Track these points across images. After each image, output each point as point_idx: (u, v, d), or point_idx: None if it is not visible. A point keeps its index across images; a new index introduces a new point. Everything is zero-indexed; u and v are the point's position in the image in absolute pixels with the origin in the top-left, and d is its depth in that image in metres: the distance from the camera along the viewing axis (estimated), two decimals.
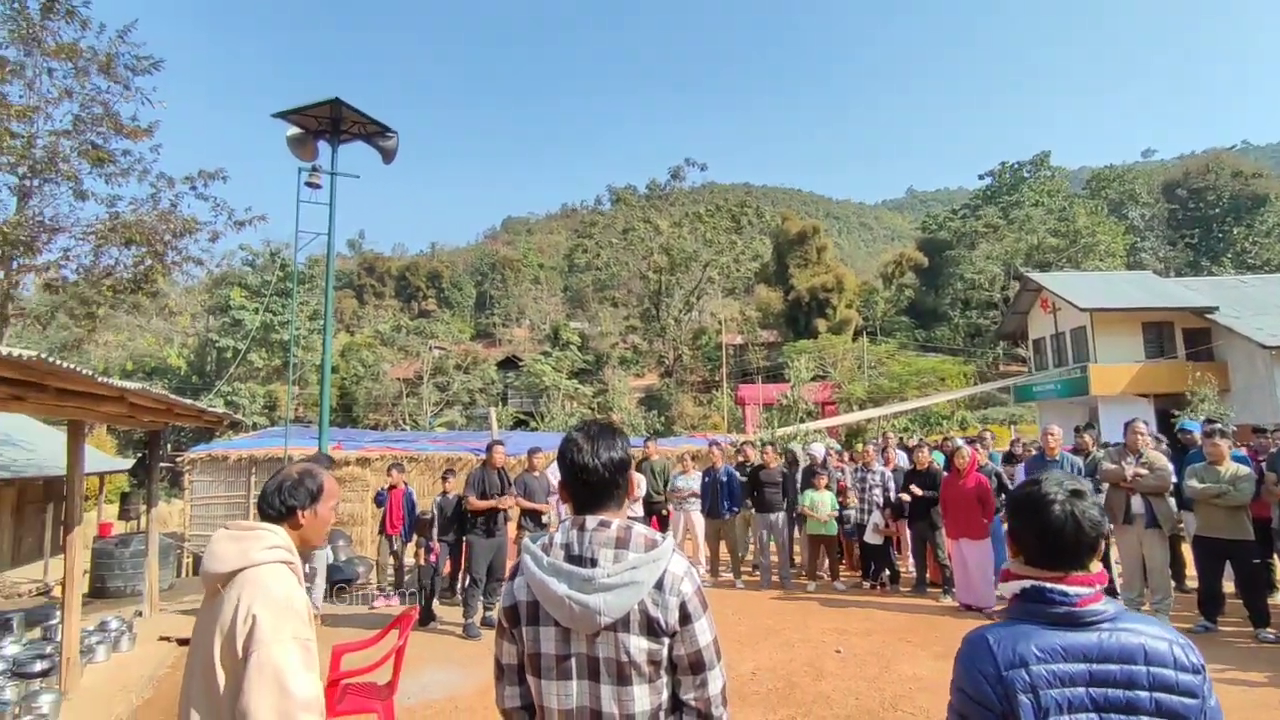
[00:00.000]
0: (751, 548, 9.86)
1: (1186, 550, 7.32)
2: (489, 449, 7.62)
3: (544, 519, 7.95)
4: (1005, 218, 56.29)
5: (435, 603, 7.76)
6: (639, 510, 9.21)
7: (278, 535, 1.90)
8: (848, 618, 7.18)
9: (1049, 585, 1.44)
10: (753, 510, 9.19)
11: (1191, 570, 6.79)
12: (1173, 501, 6.82)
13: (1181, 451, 7.70)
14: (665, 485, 9.59)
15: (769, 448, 9.51)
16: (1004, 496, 7.72)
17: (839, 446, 13.79)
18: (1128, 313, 22.49)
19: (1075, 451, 8.03)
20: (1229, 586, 6.49)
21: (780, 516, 8.86)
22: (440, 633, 7.22)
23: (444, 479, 8.05)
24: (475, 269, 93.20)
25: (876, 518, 8.41)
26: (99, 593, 9.31)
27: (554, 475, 8.69)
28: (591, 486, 1.66)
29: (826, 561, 8.94)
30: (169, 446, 27.58)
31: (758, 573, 9.14)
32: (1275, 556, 6.45)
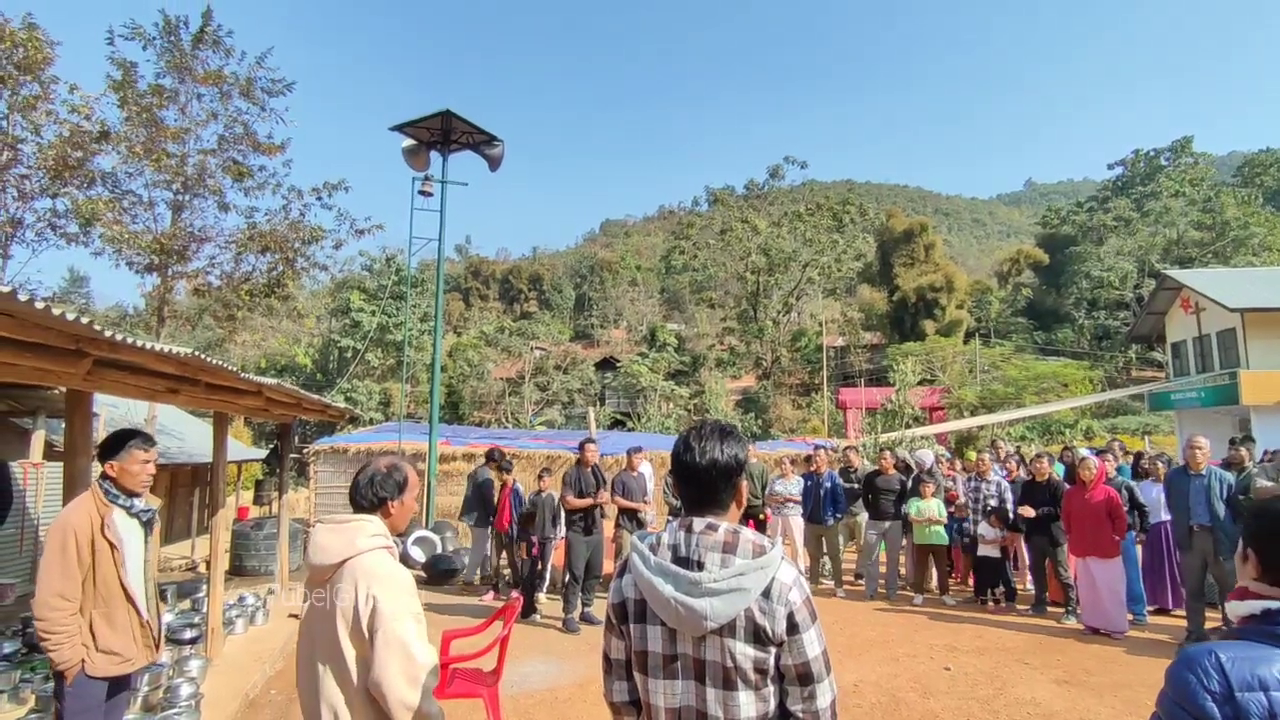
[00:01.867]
0: (851, 556, 9.54)
1: None
2: (582, 447, 7.76)
3: (643, 517, 8.02)
4: (1139, 210, 51.75)
5: (538, 596, 7.99)
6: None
7: (376, 524, 2.11)
8: (958, 634, 6.81)
9: None
10: (857, 517, 8.89)
11: None
12: None
13: None
14: (763, 489, 9.44)
15: (886, 453, 9.16)
16: (1137, 514, 7.11)
17: (948, 454, 13.12)
18: None
19: (1226, 465, 7.26)
20: None
21: (895, 525, 8.53)
22: (541, 626, 7.42)
23: (540, 478, 8.28)
24: (574, 271, 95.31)
25: (984, 529, 7.94)
26: (236, 570, 10.19)
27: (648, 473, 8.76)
28: (699, 487, 1.64)
29: (935, 574, 8.51)
30: (297, 439, 29.91)
31: (860, 582, 8.82)
32: None
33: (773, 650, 1.50)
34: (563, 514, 7.83)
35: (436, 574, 9.65)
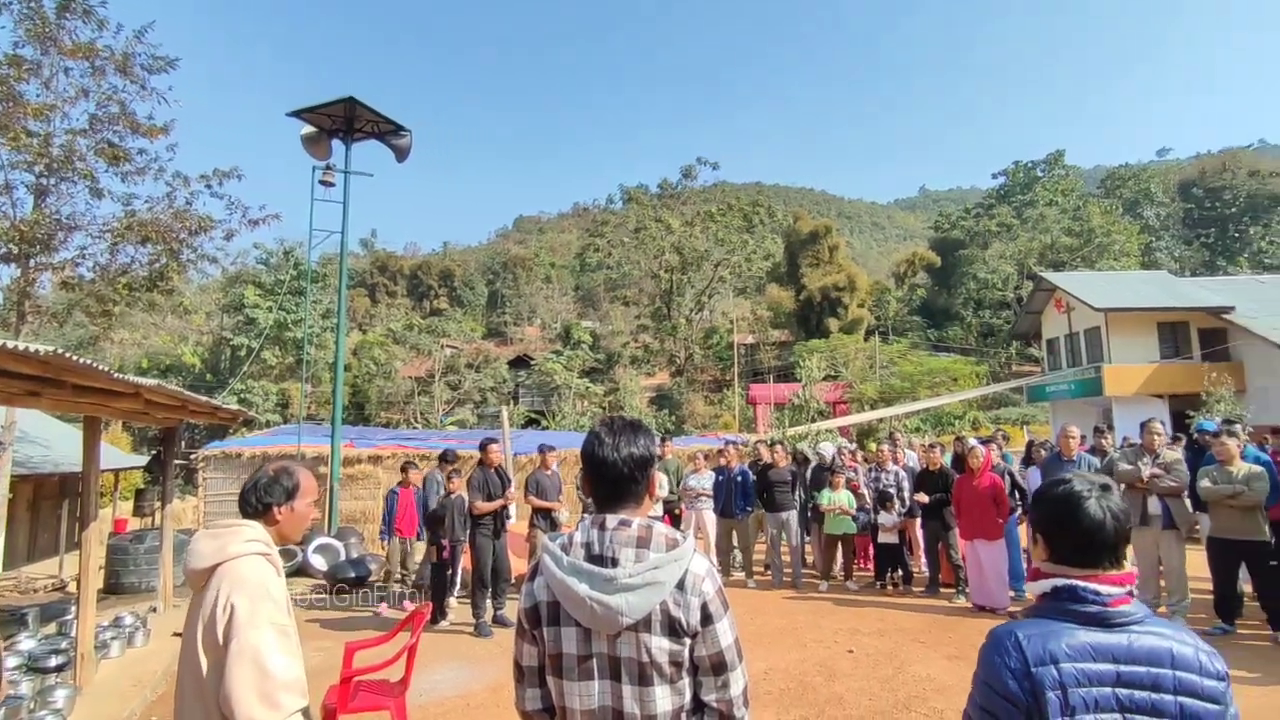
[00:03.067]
0: (761, 547, 9.83)
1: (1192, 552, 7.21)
2: (483, 447, 7.56)
3: (557, 517, 7.96)
4: (1019, 217, 55.85)
5: (448, 601, 7.78)
6: (659, 510, 9.24)
7: (255, 530, 1.99)
8: (861, 618, 7.13)
9: (1082, 584, 1.43)
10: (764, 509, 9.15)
11: (1200, 572, 6.69)
12: (1189, 502, 6.74)
13: (1199, 453, 7.58)
14: (678, 484, 9.58)
15: (778, 446, 9.47)
16: (1019, 496, 7.68)
17: (852, 446, 13.71)
18: (1143, 313, 22.23)
19: (1092, 452, 7.95)
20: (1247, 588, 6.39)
21: (791, 515, 8.81)
22: (452, 631, 7.23)
23: (450, 479, 8.07)
24: (487, 268, 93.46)
25: (885, 517, 8.37)
26: (114, 588, 9.40)
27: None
28: (612, 482, 1.64)
29: (842, 561, 8.89)
30: (183, 444, 27.86)
31: (769, 572, 9.10)
32: None
33: (687, 642, 1.52)
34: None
35: (339, 583, 9.22)
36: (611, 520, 1.59)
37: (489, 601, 7.27)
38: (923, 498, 8.04)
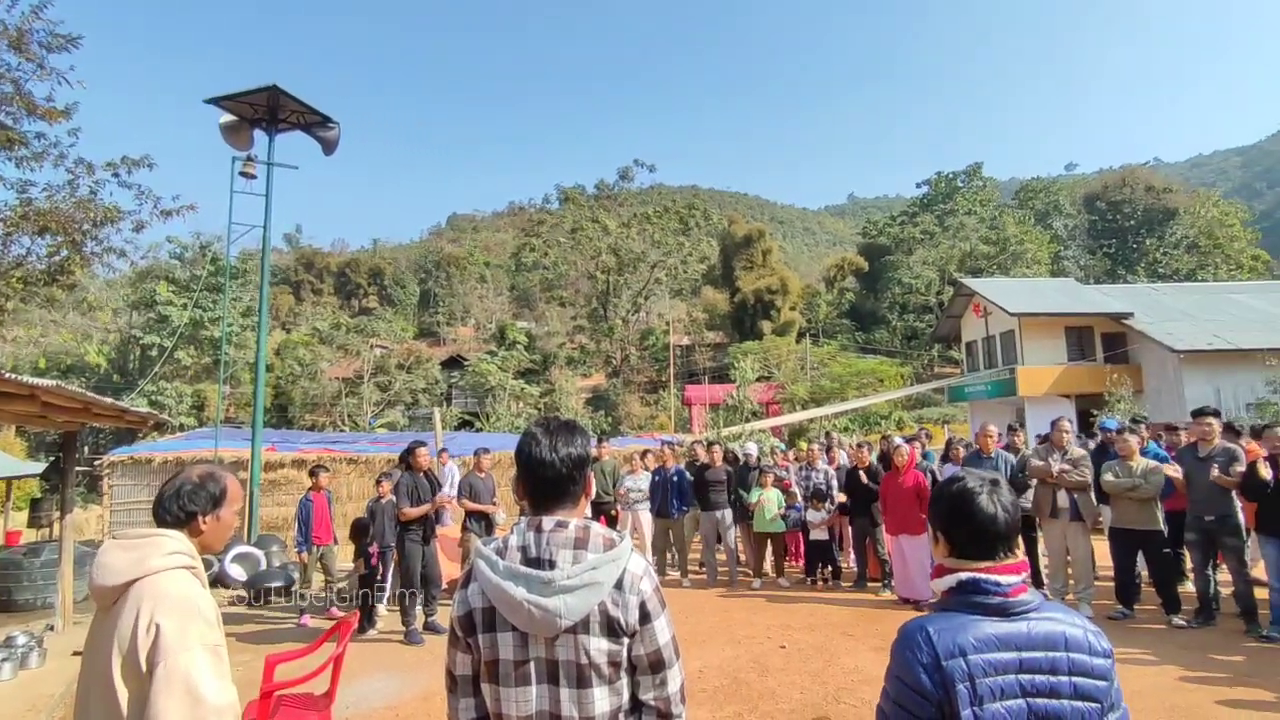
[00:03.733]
0: (697, 546, 9.93)
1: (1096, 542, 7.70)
2: (411, 451, 7.32)
3: (493, 519, 7.83)
4: (941, 225, 58.30)
5: (377, 609, 7.54)
6: (588, 511, 9.18)
7: (177, 540, 1.80)
8: (792, 614, 7.30)
9: (984, 576, 1.50)
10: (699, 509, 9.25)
11: (1105, 560, 7.17)
12: (1094, 496, 7.19)
13: (1103, 449, 8.10)
14: (614, 485, 9.57)
15: (714, 447, 9.61)
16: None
17: (783, 446, 14.02)
18: (1052, 318, 23.61)
19: (1007, 449, 8.38)
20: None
21: (727, 514, 8.94)
22: (381, 640, 7.02)
23: (378, 483, 7.82)
24: (419, 266, 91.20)
25: (814, 514, 8.60)
26: (6, 606, 8.69)
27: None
28: (549, 483, 1.62)
29: (772, 559, 9.07)
30: (86, 449, 26.01)
31: (704, 571, 9.20)
32: (1185, 547, 6.86)
33: (625, 641, 1.52)
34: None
35: (260, 593, 8.81)
36: (548, 522, 1.57)
37: (420, 608, 7.08)
38: (842, 498, 8.31)
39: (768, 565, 9.07)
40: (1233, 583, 6.31)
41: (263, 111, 12.28)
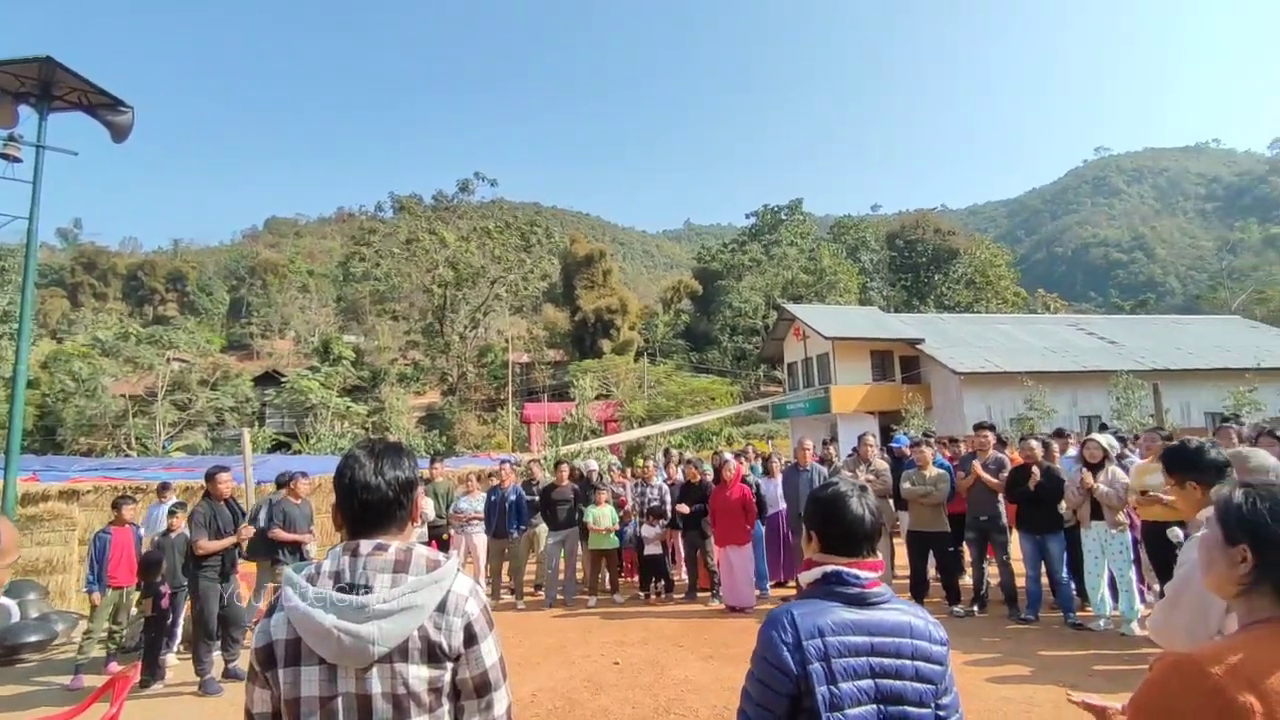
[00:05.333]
0: (532, 567, 9.80)
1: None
2: (211, 477, 6.58)
3: (307, 550, 7.21)
4: (767, 254, 62.75)
5: (165, 658, 6.62)
6: (423, 534, 8.77)
7: None
8: (626, 629, 7.39)
9: (846, 569, 1.67)
10: (537, 528, 9.14)
11: (901, 561, 8.04)
12: (892, 503, 8.04)
13: (898, 461, 9.09)
14: (448, 508, 9.20)
15: (563, 466, 9.55)
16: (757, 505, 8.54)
17: (620, 463, 14.26)
18: (860, 342, 26.20)
19: (821, 462, 9.13)
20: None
21: (572, 533, 8.91)
22: (170, 694, 6.16)
23: (171, 515, 6.93)
24: (230, 272, 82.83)
25: (648, 530, 8.81)
26: None
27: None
28: (372, 508, 1.53)
29: (608, 575, 9.15)
30: None
31: (540, 592, 9.08)
32: (964, 545, 7.86)
33: (449, 666, 1.45)
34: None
35: (14, 650, 7.42)
36: (366, 545, 1.48)
37: (217, 654, 6.31)
38: (684, 508, 8.60)
39: (605, 584, 9.13)
40: (999, 574, 7.33)
41: (32, 85, 10.57)
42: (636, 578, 9.30)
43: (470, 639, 1.47)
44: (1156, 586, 6.68)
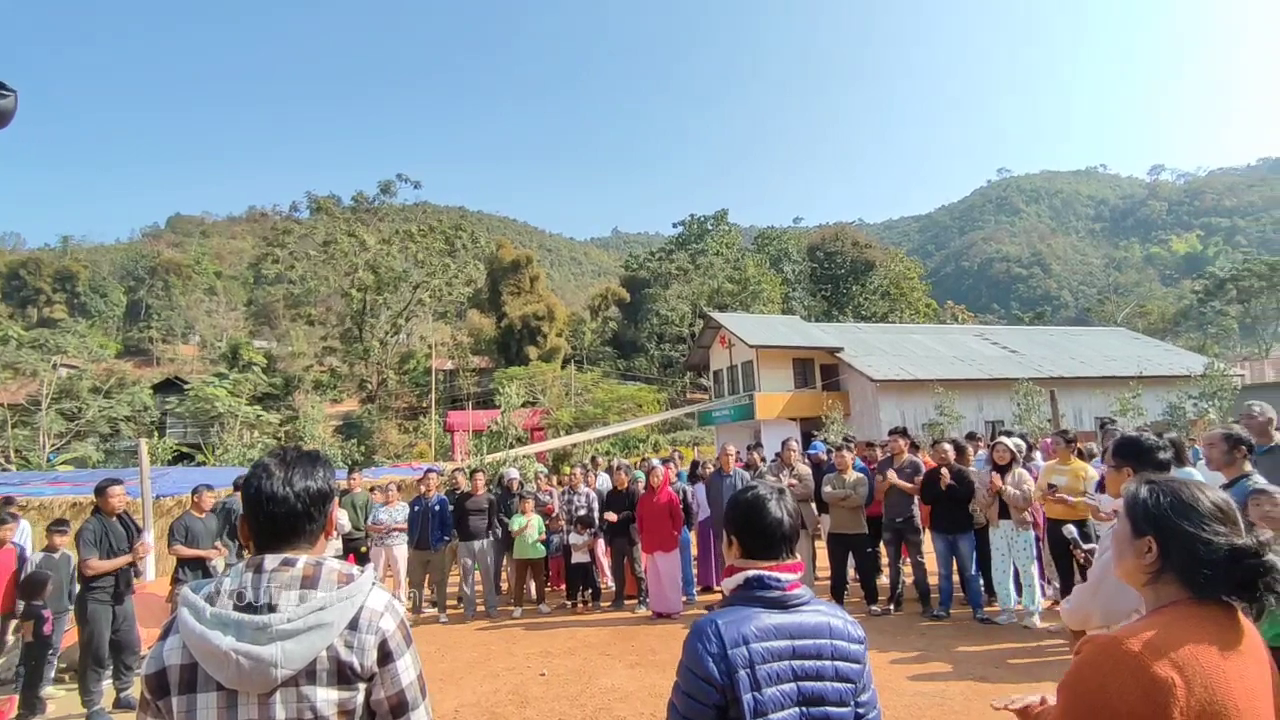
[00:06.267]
0: (455, 579, 9.53)
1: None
2: (102, 491, 6.12)
3: (212, 567, 6.78)
4: (693, 263, 63.67)
5: (44, 690, 6.06)
6: (338, 547, 8.41)
7: None
8: (553, 639, 7.29)
9: (767, 573, 1.68)
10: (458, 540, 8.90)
11: (822, 563, 8.27)
12: (814, 506, 8.26)
13: (818, 466, 9.35)
14: (366, 519, 8.84)
15: (478, 474, 9.34)
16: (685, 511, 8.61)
17: (546, 471, 14.09)
18: (783, 350, 26.90)
19: (746, 467, 9.28)
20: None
21: (485, 544, 8.71)
22: None
23: (50, 534, 6.39)
24: (128, 272, 77.51)
25: (575, 538, 8.73)
26: None
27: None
28: (282, 521, 1.44)
29: (533, 585, 9.00)
30: None
31: (462, 605, 8.85)
32: (881, 546, 8.16)
33: (362, 687, 1.37)
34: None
35: None
36: (271, 561, 1.39)
37: (107, 683, 5.84)
38: (612, 516, 8.56)
39: (530, 594, 8.98)
40: (913, 573, 7.64)
41: None
42: (563, 586, 9.20)
43: (385, 657, 1.39)
44: (1056, 581, 7.13)
